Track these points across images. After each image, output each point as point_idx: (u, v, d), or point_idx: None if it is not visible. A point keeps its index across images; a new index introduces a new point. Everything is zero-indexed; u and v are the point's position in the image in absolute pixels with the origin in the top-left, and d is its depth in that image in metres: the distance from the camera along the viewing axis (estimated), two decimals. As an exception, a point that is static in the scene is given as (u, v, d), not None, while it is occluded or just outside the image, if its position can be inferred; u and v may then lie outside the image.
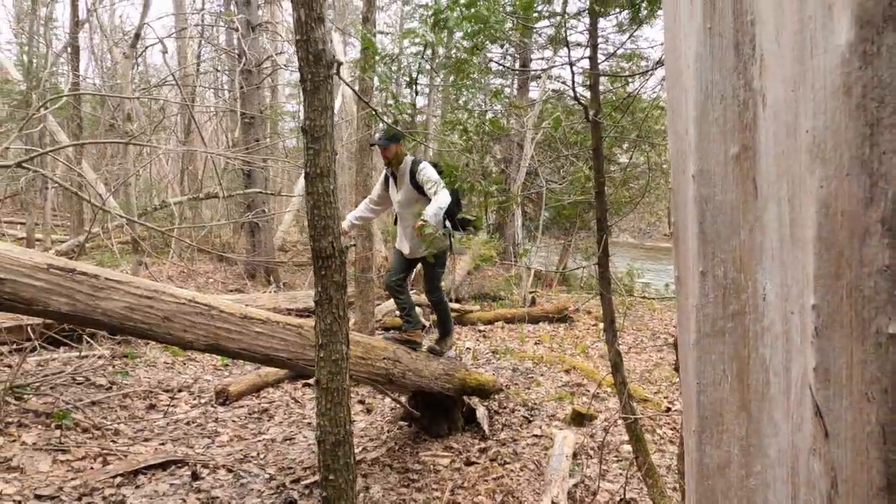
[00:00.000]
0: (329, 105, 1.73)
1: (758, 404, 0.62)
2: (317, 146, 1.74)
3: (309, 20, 1.65)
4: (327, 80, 1.70)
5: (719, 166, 0.66)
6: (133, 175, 6.78)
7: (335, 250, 1.91)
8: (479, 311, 8.58)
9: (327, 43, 1.72)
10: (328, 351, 2.12)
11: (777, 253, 0.60)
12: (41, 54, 12.53)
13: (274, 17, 11.82)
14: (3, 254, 2.65)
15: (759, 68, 0.62)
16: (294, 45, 1.70)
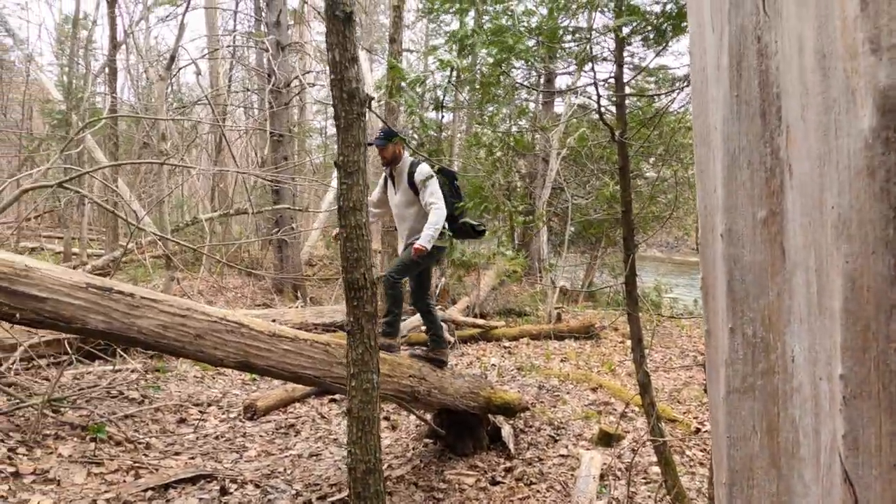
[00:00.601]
0: (362, 141, 1.78)
1: (788, 462, 0.62)
2: (350, 181, 1.79)
3: (343, 60, 1.71)
4: (360, 118, 1.75)
5: (747, 228, 0.67)
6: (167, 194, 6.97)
7: (367, 281, 1.95)
8: (504, 327, 8.55)
9: (361, 81, 1.77)
10: (359, 380, 2.15)
11: (805, 318, 0.61)
12: (80, 75, 13.01)
13: (302, 37, 12.09)
14: (45, 274, 2.75)
15: (785, 139, 0.63)
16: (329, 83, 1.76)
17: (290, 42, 9.69)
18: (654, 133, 4.80)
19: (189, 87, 19.05)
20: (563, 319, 8.98)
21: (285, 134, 9.25)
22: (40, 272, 2.73)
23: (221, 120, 9.07)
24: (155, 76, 11.12)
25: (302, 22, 12.12)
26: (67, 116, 11.59)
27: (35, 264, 2.77)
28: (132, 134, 12.97)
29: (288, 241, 9.24)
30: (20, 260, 2.73)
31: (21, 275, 2.66)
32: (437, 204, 4.01)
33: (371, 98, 1.82)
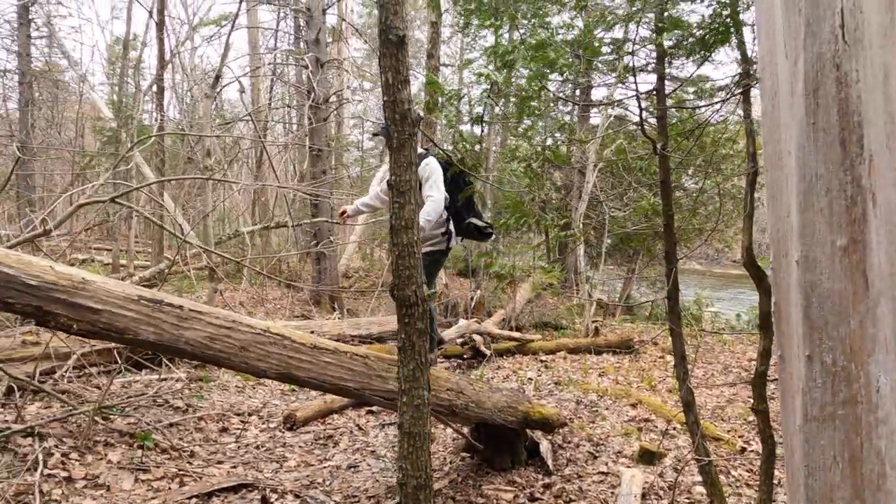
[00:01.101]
0: (413, 161, 1.82)
1: (873, 495, 0.61)
2: (402, 200, 1.82)
3: (396, 82, 1.75)
4: (412, 138, 1.79)
5: (825, 256, 0.65)
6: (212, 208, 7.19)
7: (418, 298, 1.97)
8: (540, 340, 8.48)
9: (412, 102, 1.81)
10: (410, 396, 2.17)
11: (892, 347, 0.59)
12: (130, 94, 13.58)
13: (340, 53, 12.35)
14: (100, 286, 2.86)
15: (867, 168, 0.62)
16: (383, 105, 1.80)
17: (329, 59, 9.90)
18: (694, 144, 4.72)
19: (231, 103, 19.64)
20: (600, 333, 8.85)
21: (324, 148, 9.43)
22: (96, 285, 2.84)
23: (262, 135, 9.31)
24: (200, 94, 11.52)
25: (340, 39, 12.39)
26: (117, 133, 12.09)
27: (91, 277, 2.88)
28: (177, 149, 13.43)
29: (326, 253, 9.39)
30: (77, 273, 2.84)
31: (79, 287, 2.78)
32: (434, 196, 3.88)
33: (422, 118, 1.85)
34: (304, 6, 9.33)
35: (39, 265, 2.74)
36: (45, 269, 2.73)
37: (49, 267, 2.75)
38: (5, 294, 2.61)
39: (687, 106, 4.27)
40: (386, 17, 1.71)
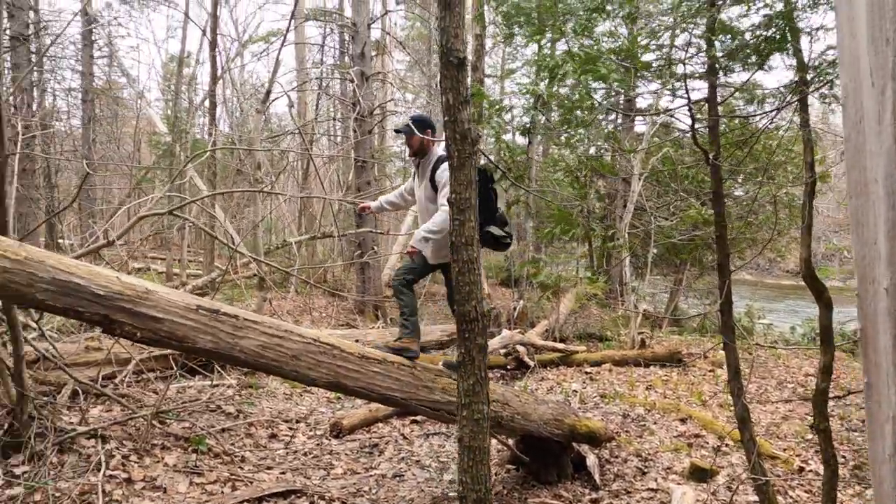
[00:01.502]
0: (473, 179, 1.84)
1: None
2: (462, 217, 1.85)
3: (456, 103, 1.79)
4: (472, 157, 1.82)
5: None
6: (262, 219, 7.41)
7: (478, 314, 2.00)
8: (585, 351, 8.36)
9: (472, 122, 1.84)
10: (471, 410, 2.19)
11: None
12: (184, 109, 14.15)
13: (384, 66, 12.57)
14: (162, 296, 2.99)
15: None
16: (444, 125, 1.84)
17: (374, 72, 10.09)
18: (747, 154, 4.59)
19: (278, 116, 20.21)
20: (647, 345, 8.66)
21: (368, 160, 9.60)
22: (158, 295, 2.97)
23: (309, 148, 9.55)
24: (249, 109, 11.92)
25: (384, 52, 12.61)
26: (172, 147, 12.61)
27: (154, 287, 3.01)
28: (228, 162, 13.89)
29: (370, 263, 9.52)
30: (141, 283, 2.98)
31: (142, 297, 2.91)
32: (445, 207, 3.61)
33: (480, 137, 1.88)
34: (350, 21, 9.55)
35: (106, 276, 2.88)
36: (112, 279, 2.87)
37: (116, 277, 2.89)
38: (76, 303, 2.76)
39: (741, 115, 4.17)
40: (447, 40, 1.75)
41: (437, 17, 1.79)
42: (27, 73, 10.07)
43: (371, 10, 10.11)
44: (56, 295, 2.71)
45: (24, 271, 2.63)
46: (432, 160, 3.91)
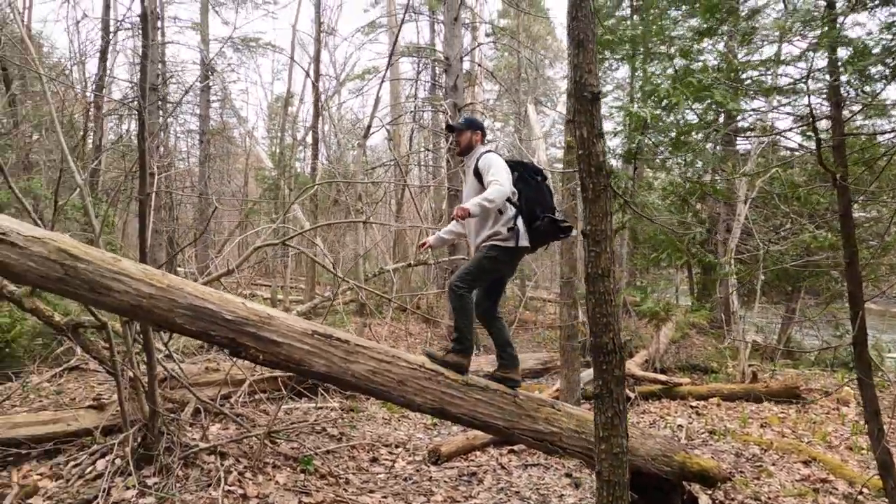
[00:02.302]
0: (609, 211, 1.85)
1: None
2: (598, 249, 1.86)
3: (590, 136, 1.81)
4: (607, 189, 1.83)
5: None
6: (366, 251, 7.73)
7: (615, 346, 1.98)
8: (689, 384, 7.91)
9: (606, 155, 1.86)
10: (609, 444, 2.16)
11: None
12: (288, 145, 15.14)
13: (475, 97, 12.83)
14: (282, 321, 3.18)
15: None
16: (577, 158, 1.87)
17: (465, 103, 10.33)
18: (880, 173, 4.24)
19: (373, 148, 21.10)
20: (758, 379, 8.07)
21: (461, 189, 9.78)
22: (279, 320, 3.17)
23: (404, 179, 9.89)
24: (346, 143, 12.56)
25: (474, 84, 12.89)
26: (277, 181, 13.49)
27: (275, 313, 3.21)
28: (327, 193, 14.64)
29: (462, 290, 9.59)
30: (264, 309, 3.19)
31: (265, 322, 3.11)
32: (499, 180, 3.55)
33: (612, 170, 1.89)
34: (443, 56, 9.87)
35: (234, 302, 3.11)
36: (239, 305, 3.10)
37: (242, 304, 3.12)
38: (209, 327, 3.00)
39: (864, 132, 3.88)
40: (580, 76, 1.79)
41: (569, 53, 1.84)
42: (164, 121, 11.24)
43: (462, 43, 10.40)
44: (191, 319, 2.96)
45: (167, 297, 2.90)
46: (475, 155, 3.90)
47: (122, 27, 12.10)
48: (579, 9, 1.77)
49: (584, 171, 1.81)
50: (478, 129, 4.02)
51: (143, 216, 3.93)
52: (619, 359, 1.98)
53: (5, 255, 2.55)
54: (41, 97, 11.38)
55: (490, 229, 3.74)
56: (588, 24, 1.78)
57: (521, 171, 3.86)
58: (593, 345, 2.00)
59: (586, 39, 1.77)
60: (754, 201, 9.64)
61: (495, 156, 3.80)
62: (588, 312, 1.99)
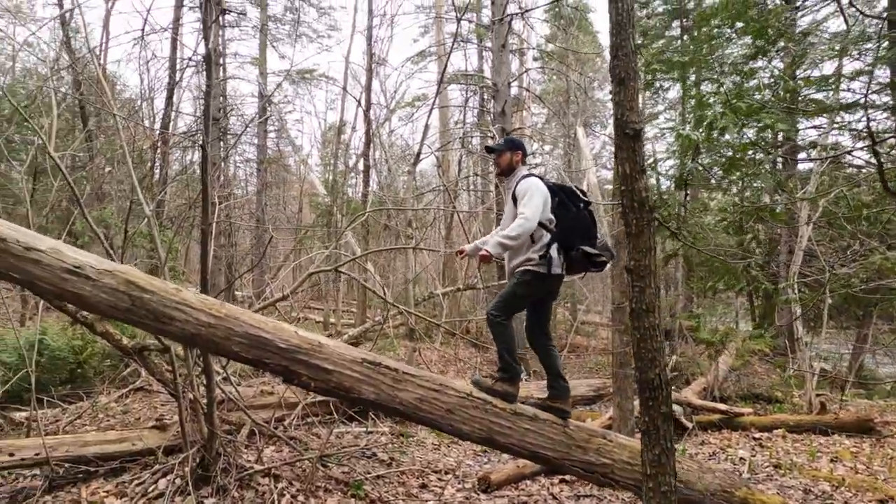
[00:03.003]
0: (652, 246, 1.85)
1: None
2: (642, 284, 1.86)
3: (633, 172, 1.83)
4: (650, 225, 1.83)
5: None
6: (416, 276, 7.85)
7: (662, 382, 1.95)
8: (752, 414, 7.55)
9: (649, 191, 1.86)
10: (657, 482, 2.12)
11: None
12: (340, 172, 15.58)
13: (523, 121, 12.88)
14: (332, 349, 3.26)
15: None
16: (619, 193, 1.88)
17: (514, 128, 10.39)
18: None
19: (422, 173, 21.42)
20: (827, 410, 7.61)
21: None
22: (329, 348, 3.25)
23: (453, 204, 9.99)
24: (397, 169, 12.82)
25: (522, 108, 12.95)
26: (330, 207, 13.87)
27: (325, 341, 3.30)
28: (377, 218, 14.94)
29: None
30: (315, 337, 3.28)
31: (316, 350, 3.20)
32: (524, 214, 3.50)
33: (662, 195, 1.89)
34: (491, 82, 9.99)
35: (288, 330, 3.22)
36: (292, 333, 3.20)
37: (294, 332, 3.21)
38: (263, 355, 3.11)
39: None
40: (622, 113, 1.80)
41: (612, 91, 1.85)
42: (226, 153, 11.83)
43: (510, 69, 10.50)
44: (247, 347, 3.08)
45: (224, 326, 3.03)
46: (516, 178, 3.86)
47: (188, 66, 12.85)
48: (620, 48, 1.78)
49: (627, 207, 1.80)
50: (518, 149, 3.99)
51: (204, 245, 4.13)
52: (666, 394, 1.93)
53: (80, 287, 2.73)
54: (114, 132, 12.18)
55: (523, 255, 3.72)
56: (629, 63, 1.80)
57: (563, 197, 3.81)
58: (639, 380, 1.96)
59: (627, 77, 1.77)
60: (817, 222, 9.21)
61: (534, 181, 3.74)
62: (633, 348, 1.95)
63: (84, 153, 11.79)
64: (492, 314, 3.71)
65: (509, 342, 3.73)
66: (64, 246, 2.82)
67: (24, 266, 2.65)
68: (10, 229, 2.69)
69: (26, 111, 7.38)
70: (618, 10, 1.80)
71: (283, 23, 18.00)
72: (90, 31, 17.57)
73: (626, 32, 1.76)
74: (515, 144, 4.03)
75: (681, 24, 13.83)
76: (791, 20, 3.73)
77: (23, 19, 17.81)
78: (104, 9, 12.23)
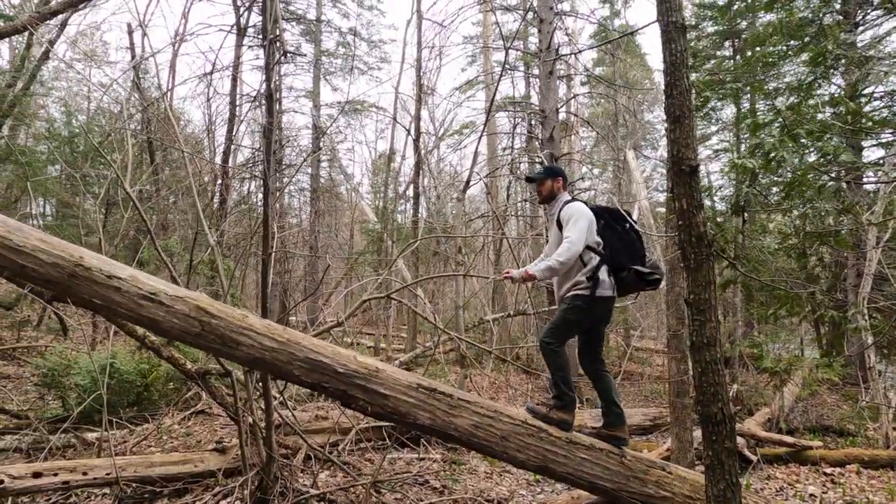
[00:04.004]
0: (712, 279, 1.85)
1: None
2: (702, 318, 1.85)
3: (691, 208, 1.84)
4: (709, 259, 1.83)
5: None
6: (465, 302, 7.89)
7: (725, 416, 1.93)
8: (821, 447, 7.14)
9: (707, 225, 1.86)
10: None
11: None
12: (390, 199, 15.91)
13: (572, 146, 12.87)
14: (388, 374, 3.32)
15: None
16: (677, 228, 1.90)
17: (562, 153, 10.39)
18: None
19: (471, 199, 21.58)
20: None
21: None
22: (386, 373, 3.31)
23: (502, 230, 10.03)
24: (446, 196, 12.99)
25: (570, 133, 12.96)
26: (381, 234, 14.16)
27: (382, 366, 3.36)
28: (427, 244, 15.12)
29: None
30: (373, 362, 3.35)
31: (373, 375, 3.27)
32: (570, 238, 3.52)
33: (714, 239, 1.88)
34: (538, 108, 10.05)
35: (346, 355, 3.30)
36: (350, 358, 3.29)
37: (353, 357, 3.30)
38: (322, 379, 3.20)
39: None
40: (677, 150, 1.83)
41: (667, 129, 1.88)
42: (283, 185, 12.30)
43: (557, 95, 10.55)
44: (307, 371, 3.18)
45: (286, 351, 3.14)
46: (559, 204, 3.88)
47: (248, 101, 13.51)
48: (674, 87, 1.80)
49: (686, 242, 1.80)
50: (558, 175, 4.03)
51: (264, 274, 4.30)
52: (730, 429, 1.89)
53: (154, 313, 2.90)
54: (179, 165, 12.88)
55: (572, 279, 3.73)
56: (684, 101, 1.81)
57: (607, 219, 3.83)
58: (701, 414, 1.92)
59: (682, 115, 1.79)
60: (887, 245, 8.75)
61: (578, 205, 3.78)
62: (695, 382, 1.92)
63: (151, 185, 12.48)
64: (544, 341, 3.73)
65: (564, 369, 3.73)
66: (140, 274, 3.00)
67: (105, 293, 2.85)
68: (94, 259, 2.89)
69: (100, 147, 7.92)
70: (671, 51, 1.82)
71: (335, 56, 18.73)
72: (159, 71, 18.75)
73: (679, 72, 1.78)
74: (555, 172, 4.07)
75: (732, 45, 13.61)
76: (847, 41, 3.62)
77: (98, 62, 19.19)
78: (171, 52, 13.06)
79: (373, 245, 15.63)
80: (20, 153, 10.40)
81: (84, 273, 2.82)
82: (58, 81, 20.82)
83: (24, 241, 2.75)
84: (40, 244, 2.79)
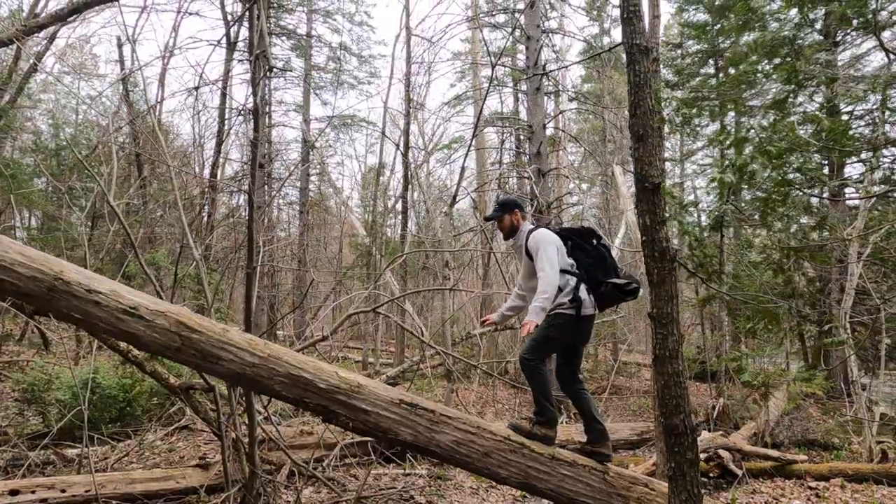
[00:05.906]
0: (674, 294, 1.88)
1: None
2: (664, 331, 1.88)
3: (653, 224, 1.88)
4: (671, 273, 1.87)
5: None
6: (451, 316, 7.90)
7: (687, 428, 1.95)
8: (806, 461, 7.18)
9: (670, 241, 1.90)
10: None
11: None
12: (379, 213, 15.93)
13: (560, 161, 12.99)
14: (371, 390, 3.31)
15: None
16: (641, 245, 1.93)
17: (550, 168, 10.49)
18: None
19: (459, 213, 21.66)
20: (889, 458, 7.18)
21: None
22: (368, 389, 3.30)
23: (490, 245, 10.07)
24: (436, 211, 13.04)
25: (558, 148, 13.08)
26: (370, 248, 14.15)
27: (364, 381, 3.36)
28: (415, 258, 15.12)
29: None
30: (354, 378, 3.35)
31: (355, 390, 3.26)
32: (544, 269, 3.55)
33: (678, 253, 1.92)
34: (526, 124, 10.16)
35: (328, 370, 3.29)
36: (332, 374, 3.28)
37: (335, 373, 3.29)
38: (303, 394, 3.19)
39: None
40: (641, 168, 1.87)
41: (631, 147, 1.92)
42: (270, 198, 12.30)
43: (545, 111, 10.67)
44: (288, 386, 3.17)
45: (267, 366, 3.13)
46: (523, 235, 3.91)
47: (236, 116, 13.53)
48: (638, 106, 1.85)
49: (649, 256, 1.84)
50: (514, 208, 4.05)
51: (249, 288, 4.29)
52: (692, 441, 1.91)
53: (135, 327, 2.89)
54: (166, 179, 12.84)
55: (553, 304, 3.73)
56: (647, 120, 1.86)
57: (575, 239, 3.89)
58: (664, 426, 1.95)
59: (646, 134, 1.84)
60: (868, 259, 8.88)
61: (542, 232, 3.81)
62: (657, 394, 1.95)
63: (138, 199, 12.43)
64: (524, 358, 3.75)
65: (544, 385, 3.75)
66: (123, 288, 2.99)
67: (85, 307, 2.83)
68: (75, 272, 2.88)
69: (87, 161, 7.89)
70: (635, 71, 1.88)
71: (325, 71, 18.82)
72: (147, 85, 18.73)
73: (643, 92, 1.83)
74: (510, 205, 4.08)
75: (715, 63, 13.85)
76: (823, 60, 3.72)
77: (87, 75, 19.15)
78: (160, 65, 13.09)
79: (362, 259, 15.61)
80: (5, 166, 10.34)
81: (63, 287, 2.80)
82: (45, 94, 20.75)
83: (2, 255, 2.74)
84: (19, 257, 2.78)
